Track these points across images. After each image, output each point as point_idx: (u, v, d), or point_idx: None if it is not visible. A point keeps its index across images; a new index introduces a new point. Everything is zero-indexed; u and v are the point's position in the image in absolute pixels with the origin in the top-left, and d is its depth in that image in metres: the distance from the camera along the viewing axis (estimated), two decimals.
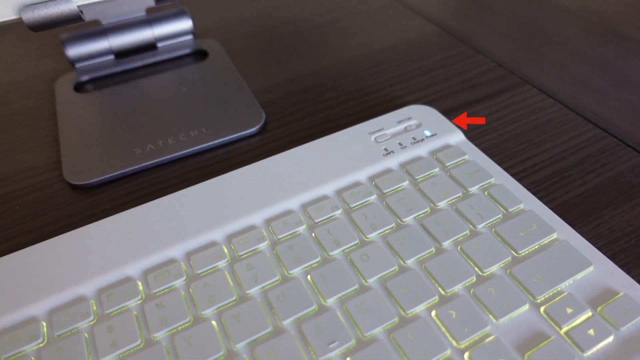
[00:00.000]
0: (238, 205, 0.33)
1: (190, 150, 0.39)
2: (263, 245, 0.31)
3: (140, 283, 0.29)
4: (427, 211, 0.32)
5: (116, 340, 0.26)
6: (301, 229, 0.32)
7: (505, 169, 0.37)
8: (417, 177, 0.35)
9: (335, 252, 0.30)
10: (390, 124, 0.39)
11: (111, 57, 0.50)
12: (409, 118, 0.40)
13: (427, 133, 0.38)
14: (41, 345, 0.26)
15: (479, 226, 0.31)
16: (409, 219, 0.32)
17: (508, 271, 0.29)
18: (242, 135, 0.41)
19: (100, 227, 0.32)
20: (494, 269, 0.29)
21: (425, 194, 0.34)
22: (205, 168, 0.39)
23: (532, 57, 0.49)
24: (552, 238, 0.30)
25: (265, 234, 0.31)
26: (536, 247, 0.30)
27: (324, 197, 0.34)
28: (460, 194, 0.33)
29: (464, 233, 0.31)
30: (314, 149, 0.37)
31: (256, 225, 0.32)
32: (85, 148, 0.40)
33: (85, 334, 0.27)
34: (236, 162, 0.39)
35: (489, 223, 0.31)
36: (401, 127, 0.39)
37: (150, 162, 0.38)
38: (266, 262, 0.30)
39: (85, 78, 0.48)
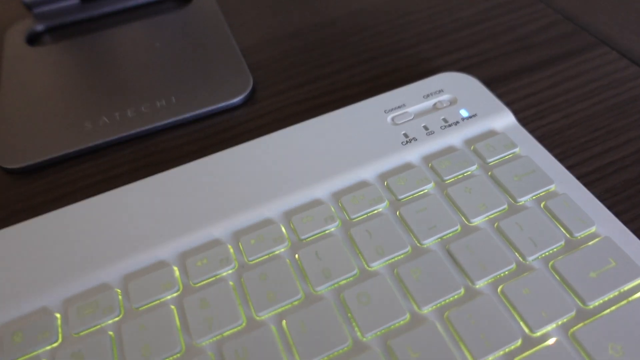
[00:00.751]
0: (199, 210, 0.25)
1: (152, 126, 0.31)
2: (227, 270, 0.23)
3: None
4: (457, 230, 0.23)
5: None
6: (280, 247, 0.23)
7: (571, 169, 0.27)
8: (446, 177, 0.25)
9: (322, 288, 0.22)
10: (414, 98, 0.29)
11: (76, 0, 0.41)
12: (440, 91, 0.30)
13: (464, 113, 0.28)
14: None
15: (530, 258, 0.22)
16: (429, 242, 0.23)
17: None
18: (220, 107, 0.32)
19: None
20: (553, 332, 0.20)
21: (455, 204, 0.24)
22: (171, 151, 0.30)
23: (612, 7, 0.37)
24: None
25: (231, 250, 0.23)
26: (622, 303, 0.21)
27: (317, 203, 0.25)
28: (505, 206, 0.24)
29: (509, 268, 0.22)
30: (308, 131, 0.28)
31: (221, 241, 0.24)
32: (28, 119, 0.32)
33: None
34: (210, 144, 0.30)
35: (545, 254, 0.22)
36: (428, 103, 0.29)
37: (100, 141, 0.30)
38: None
39: (41, 27, 0.39)
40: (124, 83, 0.33)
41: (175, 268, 0.23)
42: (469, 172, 0.26)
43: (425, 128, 0.28)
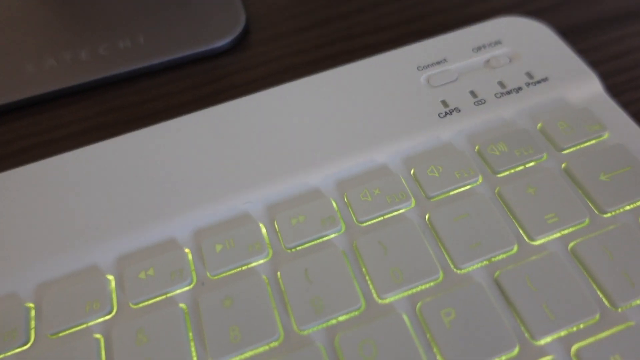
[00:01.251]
0: (157, 191, 0.18)
1: (112, 73, 0.24)
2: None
3: None
4: (512, 251, 0.16)
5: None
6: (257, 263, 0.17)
7: None
8: (500, 170, 0.18)
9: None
10: (459, 51, 0.21)
11: None
12: (497, 42, 0.21)
13: (530, 76, 0.20)
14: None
15: (634, 317, 0.15)
16: (469, 267, 0.16)
17: None
18: (201, 52, 0.24)
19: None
20: None
21: (511, 211, 0.17)
22: (131, 108, 0.23)
23: None
24: None
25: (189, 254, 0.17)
26: None
27: (312, 197, 0.18)
28: (586, 219, 0.17)
29: (588, 318, 0.15)
30: (311, 91, 0.20)
31: (179, 242, 0.17)
32: None
33: None
34: (184, 101, 0.23)
35: None
36: (479, 59, 0.21)
37: (42, 92, 0.23)
38: None
39: None
40: (79, 15, 0.26)
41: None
42: (534, 163, 0.18)
43: (473, 94, 0.20)
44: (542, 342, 0.15)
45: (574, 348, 0.14)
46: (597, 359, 0.14)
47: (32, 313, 0.16)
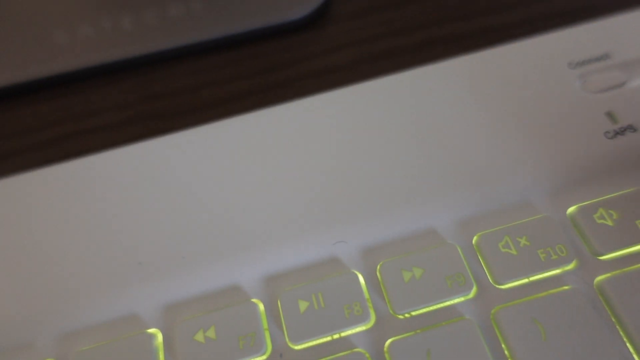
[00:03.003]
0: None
1: (158, 49, 0.19)
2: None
3: None
4: None
5: None
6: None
7: None
8: None
9: None
10: (627, 42, 0.16)
11: None
12: None
13: None
14: None
15: None
16: None
17: None
18: (271, 27, 0.19)
19: None
20: None
21: None
22: (182, 96, 0.18)
23: None
24: None
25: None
26: None
27: (436, 240, 0.13)
28: None
29: None
30: (420, 87, 0.15)
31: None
32: None
33: None
34: (246, 91, 0.18)
35: None
36: None
37: (73, 68, 0.19)
38: None
39: None
40: None
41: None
42: None
43: None
44: None
45: None
46: None
47: None
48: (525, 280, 0.12)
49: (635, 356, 0.11)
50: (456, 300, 0.12)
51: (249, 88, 0.18)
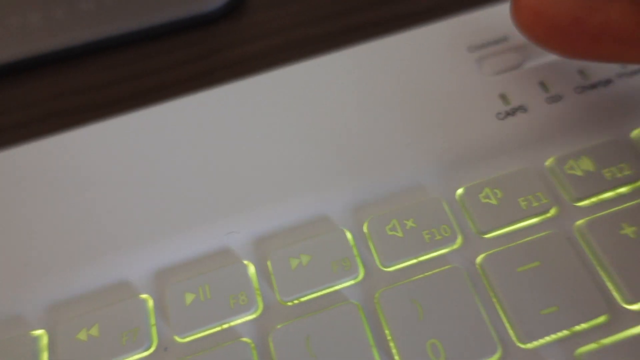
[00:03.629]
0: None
1: (66, 45, 0.19)
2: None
3: None
4: (601, 320, 0.11)
5: None
6: None
7: None
8: (581, 197, 0.13)
9: None
10: None
11: None
12: None
13: (625, 65, 0.15)
14: None
15: None
16: (536, 343, 0.11)
17: None
18: (184, 19, 0.19)
19: None
20: None
21: (600, 260, 0.12)
22: (89, 93, 0.18)
23: None
24: None
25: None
26: None
27: (327, 227, 0.13)
28: None
29: None
30: (331, 74, 0.15)
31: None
32: None
33: None
34: (154, 86, 0.18)
35: None
36: None
37: None
38: None
39: None
40: None
41: None
42: (629, 189, 0.13)
43: (544, 87, 0.15)
44: None
45: None
46: None
47: None
48: (412, 262, 0.13)
49: (510, 331, 0.12)
50: (343, 285, 0.12)
51: (161, 81, 0.18)
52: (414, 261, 0.13)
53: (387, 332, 0.12)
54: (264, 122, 0.15)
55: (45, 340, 0.12)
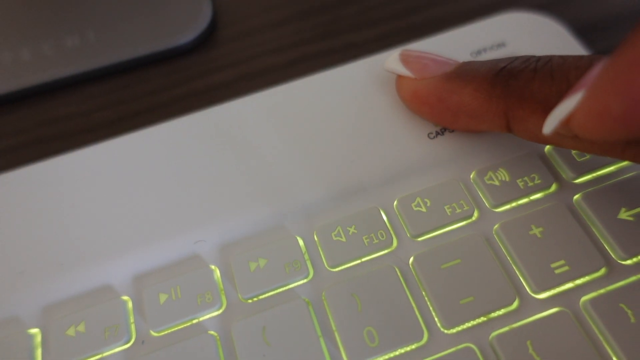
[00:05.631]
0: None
1: (55, 77, 0.21)
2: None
3: None
4: (512, 307, 0.13)
5: None
6: None
7: None
8: (499, 203, 0.15)
9: None
10: (455, 55, 0.18)
11: None
12: (500, 45, 0.18)
13: None
14: None
15: None
16: (457, 328, 0.13)
17: None
18: (159, 52, 0.21)
19: None
20: None
21: (513, 258, 0.14)
22: (76, 119, 0.20)
23: None
24: None
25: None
26: None
27: (281, 235, 0.15)
28: (602, 268, 0.14)
29: None
30: (292, 101, 0.18)
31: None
32: None
33: None
34: (135, 112, 0.20)
35: None
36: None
37: None
38: None
39: None
40: (20, 5, 0.23)
41: None
42: (541, 195, 0.15)
43: None
44: None
45: None
46: None
47: None
48: (354, 262, 0.15)
49: (435, 319, 0.14)
50: (295, 284, 0.14)
51: (136, 109, 0.20)
52: (356, 262, 0.15)
53: (332, 323, 0.14)
54: (223, 148, 0.17)
55: (39, 338, 0.14)
